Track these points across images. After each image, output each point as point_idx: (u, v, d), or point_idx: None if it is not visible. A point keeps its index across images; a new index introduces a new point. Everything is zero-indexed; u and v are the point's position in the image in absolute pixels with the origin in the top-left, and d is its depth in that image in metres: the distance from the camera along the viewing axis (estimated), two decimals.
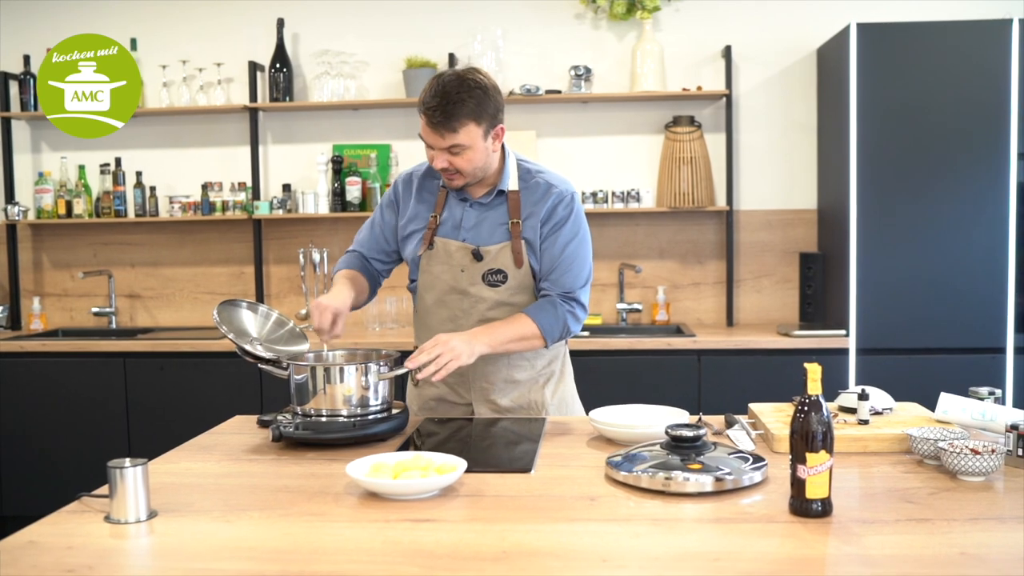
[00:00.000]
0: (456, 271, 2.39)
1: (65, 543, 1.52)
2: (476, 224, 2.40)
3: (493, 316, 2.38)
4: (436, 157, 2.27)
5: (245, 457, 2.04)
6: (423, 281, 2.45)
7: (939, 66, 3.92)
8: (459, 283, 2.40)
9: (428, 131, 2.24)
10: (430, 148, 2.28)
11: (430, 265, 2.42)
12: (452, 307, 2.42)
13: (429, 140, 2.26)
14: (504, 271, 2.37)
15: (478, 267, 2.37)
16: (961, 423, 2.09)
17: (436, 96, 2.20)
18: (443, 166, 2.27)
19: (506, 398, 2.46)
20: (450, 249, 2.39)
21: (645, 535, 1.51)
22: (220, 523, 1.60)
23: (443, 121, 2.20)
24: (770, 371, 3.97)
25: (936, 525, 1.53)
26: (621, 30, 4.55)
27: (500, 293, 2.38)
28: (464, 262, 2.38)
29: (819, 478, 1.56)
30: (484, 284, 2.38)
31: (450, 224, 2.41)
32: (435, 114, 2.20)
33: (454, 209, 2.42)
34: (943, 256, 3.94)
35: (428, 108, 2.21)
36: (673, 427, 1.85)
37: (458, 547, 1.47)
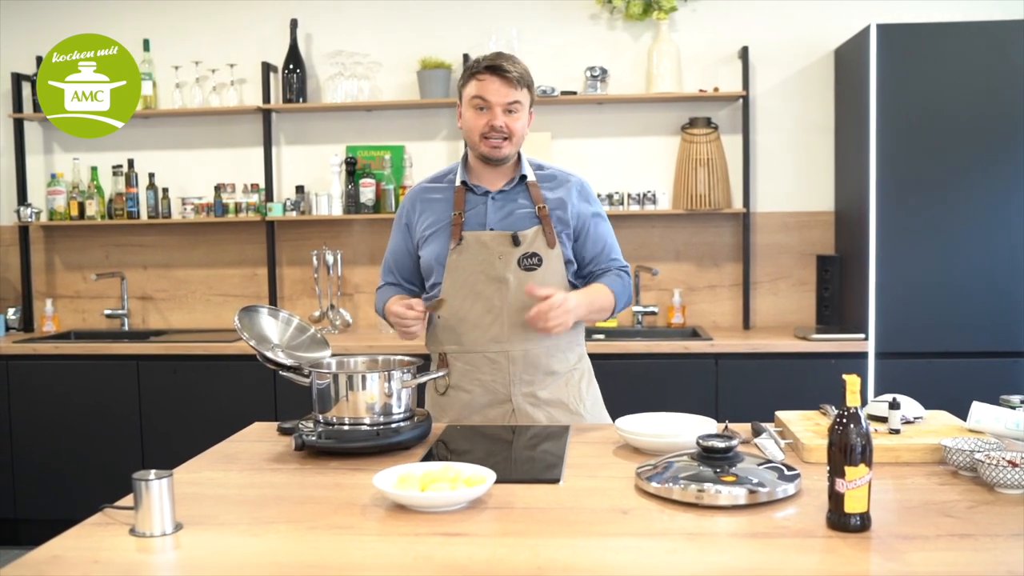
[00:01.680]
0: (493, 259, 2.40)
1: (91, 557, 1.49)
2: (503, 215, 2.44)
3: (530, 302, 2.36)
4: (495, 116, 2.34)
5: (268, 467, 2.01)
6: (452, 278, 2.43)
7: (959, 67, 3.88)
8: (496, 271, 2.40)
9: (493, 85, 2.33)
10: (484, 110, 2.35)
11: (460, 260, 2.42)
12: (488, 298, 2.41)
13: (493, 95, 2.33)
14: (539, 254, 2.41)
15: (514, 252, 2.40)
16: (994, 432, 2.05)
17: (498, 56, 2.36)
18: (502, 123, 2.35)
19: (545, 390, 2.46)
20: (484, 239, 2.41)
21: (681, 551, 1.48)
22: (247, 536, 1.58)
23: (511, 73, 2.33)
24: (788, 375, 3.93)
25: (979, 541, 1.49)
26: (637, 31, 4.52)
27: (535, 278, 2.40)
28: (501, 248, 2.40)
29: (858, 492, 1.53)
30: (520, 269, 2.40)
31: (475, 219, 2.44)
32: (504, 67, 2.33)
33: (476, 206, 2.46)
34: (963, 258, 3.90)
35: (494, 64, 2.34)
36: (704, 437, 1.81)
37: (492, 563, 1.44)
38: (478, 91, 2.35)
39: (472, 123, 2.39)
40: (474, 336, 2.42)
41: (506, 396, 2.45)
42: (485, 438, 2.31)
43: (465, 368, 2.46)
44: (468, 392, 2.46)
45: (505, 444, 2.28)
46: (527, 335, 2.42)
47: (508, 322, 2.41)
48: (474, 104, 2.36)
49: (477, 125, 2.37)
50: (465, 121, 2.42)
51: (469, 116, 2.39)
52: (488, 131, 2.36)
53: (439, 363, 2.49)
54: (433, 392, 2.53)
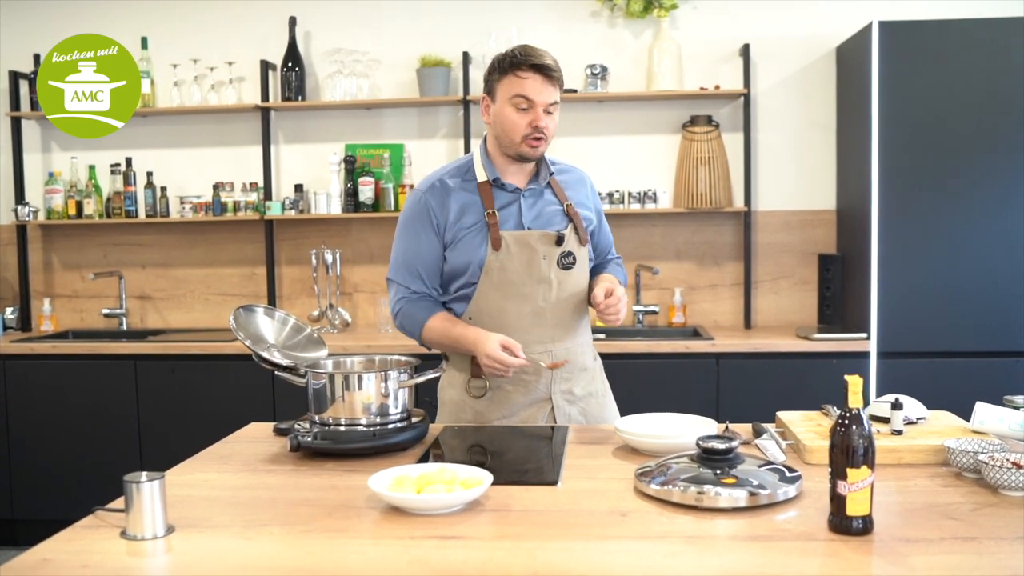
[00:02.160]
0: (538, 259, 2.36)
1: (80, 561, 1.47)
2: (536, 213, 2.41)
3: (568, 301, 2.41)
4: (538, 117, 2.28)
5: (263, 468, 1.99)
6: (491, 280, 2.35)
7: (962, 64, 3.85)
8: (541, 271, 2.37)
9: (536, 84, 2.26)
10: (526, 111, 2.28)
11: (501, 262, 2.34)
12: (533, 299, 2.37)
13: (537, 95, 2.26)
14: (573, 253, 2.40)
15: (556, 252, 2.38)
16: (998, 433, 2.03)
17: (542, 53, 2.29)
18: (545, 124, 2.29)
19: (579, 386, 2.45)
20: (529, 240, 2.36)
21: (680, 554, 1.46)
22: (239, 539, 1.55)
23: (555, 72, 2.28)
24: (790, 375, 3.91)
25: (983, 544, 1.47)
26: (638, 28, 4.49)
27: (571, 275, 2.41)
28: (545, 249, 2.37)
29: (860, 495, 1.51)
30: (560, 269, 2.39)
31: (509, 218, 2.38)
32: (549, 66, 2.26)
33: (507, 203, 2.39)
34: (966, 257, 3.87)
35: (539, 63, 2.26)
36: (704, 439, 1.79)
37: (488, 567, 1.42)
38: (522, 90, 2.26)
39: (513, 122, 2.29)
40: (516, 338, 2.31)
41: (546, 395, 2.41)
42: (483, 439, 2.29)
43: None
44: (508, 394, 2.40)
45: (504, 445, 2.25)
46: (568, 334, 2.42)
47: (551, 322, 2.39)
48: (515, 103, 2.27)
49: (519, 125, 2.28)
50: (503, 119, 2.30)
51: (509, 114, 2.29)
52: (532, 132, 2.28)
53: (472, 366, 2.39)
54: (467, 397, 2.42)
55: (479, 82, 4.50)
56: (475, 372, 2.39)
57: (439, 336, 2.38)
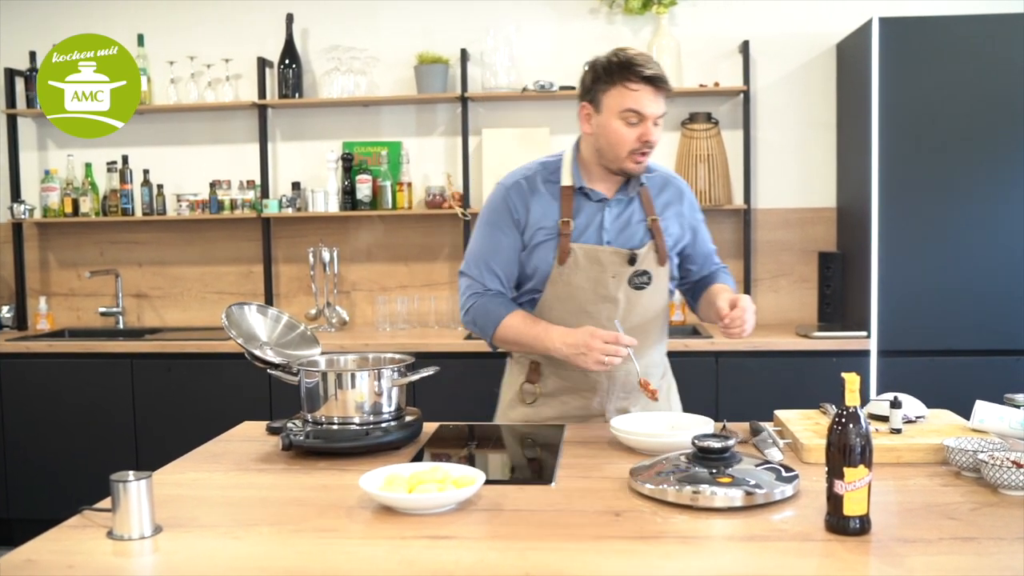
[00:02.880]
0: (606, 278, 2.26)
1: (65, 561, 1.45)
2: (620, 226, 2.29)
3: (637, 322, 2.29)
4: (648, 132, 2.17)
5: (254, 467, 1.97)
6: (556, 292, 2.28)
7: (963, 61, 3.82)
8: (608, 290, 2.26)
9: (648, 96, 2.15)
10: (635, 124, 2.16)
11: (567, 275, 2.25)
12: (598, 316, 2.27)
13: (649, 108, 2.15)
14: (648, 272, 2.29)
15: (628, 271, 2.26)
16: (998, 432, 2.00)
17: (651, 62, 2.16)
18: (655, 138, 2.19)
19: (637, 405, 2.37)
20: (599, 256, 2.25)
21: (675, 555, 1.44)
22: (228, 539, 1.53)
23: (665, 84, 2.17)
24: (790, 373, 3.88)
25: (983, 545, 1.45)
26: (637, 25, 4.47)
27: (644, 295, 2.30)
28: (616, 268, 2.26)
29: (858, 494, 1.48)
30: (631, 288, 2.28)
31: (588, 228, 2.27)
32: (662, 79, 2.15)
33: (590, 212, 2.27)
34: (967, 255, 3.85)
35: (651, 73, 2.14)
36: (700, 437, 1.77)
37: (478, 568, 1.39)
38: (634, 104, 2.14)
39: (621, 137, 2.16)
40: None
41: (600, 411, 2.36)
42: (478, 438, 2.27)
43: (560, 383, 2.35)
44: (562, 403, 2.36)
45: (499, 444, 2.23)
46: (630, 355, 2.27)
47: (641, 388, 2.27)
48: (625, 117, 2.15)
49: (628, 140, 2.16)
50: (609, 132, 2.18)
51: (617, 128, 2.16)
52: (640, 146, 2.17)
53: (529, 371, 2.36)
54: (518, 402, 2.39)
55: (477, 79, 4.51)
56: (530, 377, 2.36)
57: (516, 333, 2.27)
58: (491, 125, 4.53)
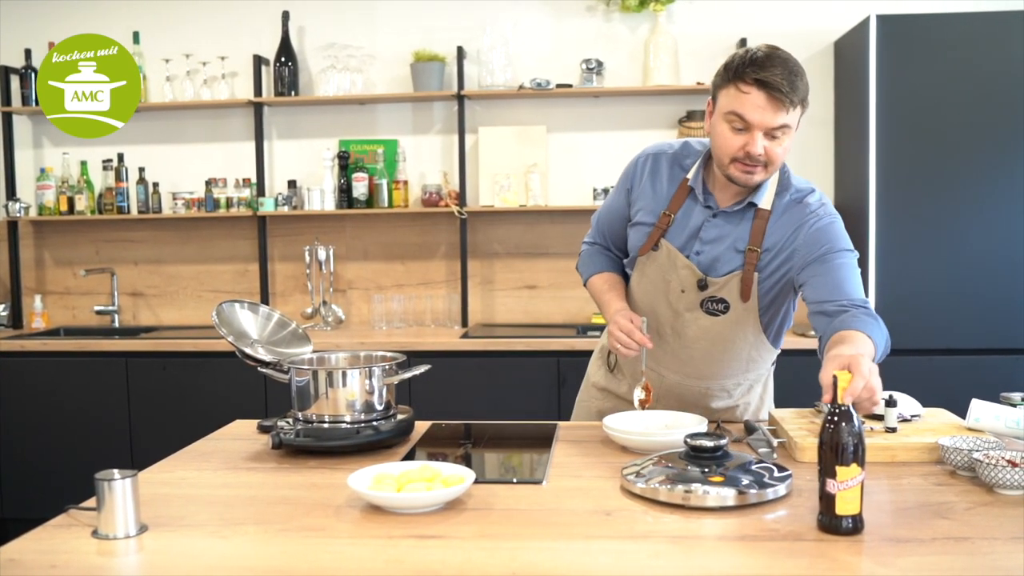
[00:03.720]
0: (676, 289, 2.15)
1: (49, 561, 1.43)
2: (715, 239, 2.11)
3: (701, 346, 2.19)
4: (754, 142, 1.94)
5: (243, 466, 1.95)
6: (636, 280, 2.26)
7: (961, 59, 3.81)
8: (674, 303, 2.17)
9: (758, 102, 1.91)
10: (743, 131, 1.94)
11: (648, 267, 2.20)
12: (660, 321, 2.22)
13: (757, 116, 1.91)
14: (727, 301, 2.12)
15: (699, 294, 2.13)
16: (994, 431, 1.99)
17: (778, 65, 1.91)
18: (761, 151, 1.94)
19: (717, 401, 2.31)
20: (676, 263, 2.14)
21: (664, 554, 1.42)
22: (214, 539, 1.52)
23: (787, 94, 1.90)
24: (786, 372, 3.84)
25: (976, 544, 1.43)
26: (634, 22, 4.45)
27: (717, 323, 2.14)
28: (687, 283, 2.14)
29: (850, 493, 1.46)
30: (702, 311, 2.15)
31: (684, 231, 2.14)
32: (779, 86, 1.89)
33: (693, 215, 2.13)
34: (965, 254, 3.83)
35: (769, 78, 1.89)
36: (692, 436, 1.75)
37: (465, 567, 1.38)
38: (738, 107, 1.92)
39: (725, 142, 1.97)
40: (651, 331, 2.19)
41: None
42: (472, 436, 2.26)
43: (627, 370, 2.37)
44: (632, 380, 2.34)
45: (491, 443, 2.21)
46: (688, 373, 2.24)
47: (670, 355, 2.24)
48: (730, 120, 1.95)
49: (730, 146, 1.96)
50: (717, 136, 2.00)
51: (722, 131, 1.97)
52: (743, 156, 1.96)
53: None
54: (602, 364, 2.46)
55: (473, 77, 4.49)
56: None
57: (595, 292, 2.34)
58: (488, 123, 4.51)
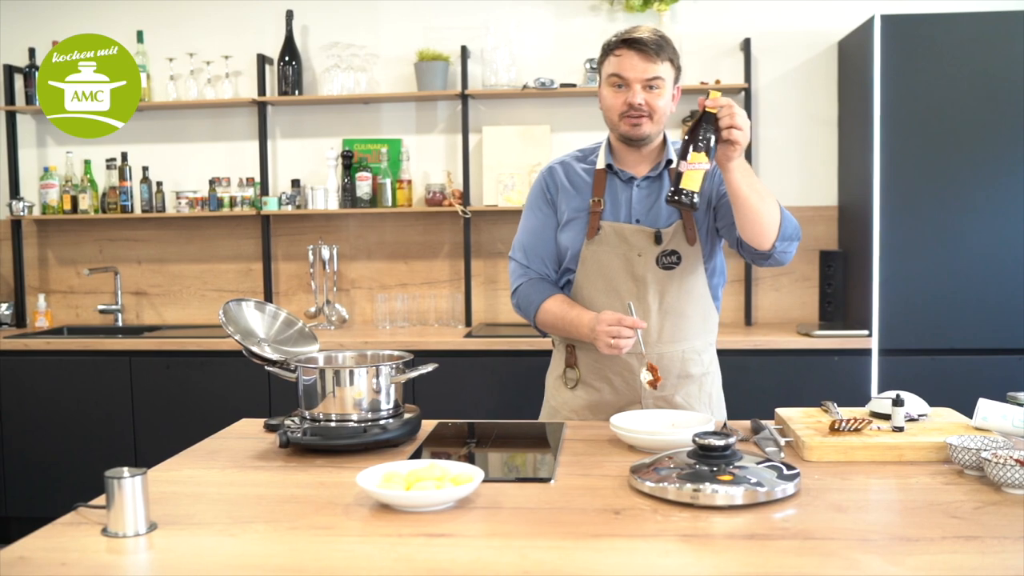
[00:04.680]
0: (632, 255, 2.29)
1: (59, 559, 1.43)
2: (648, 205, 2.31)
3: (673, 305, 2.31)
4: (634, 93, 2.20)
5: (251, 464, 1.95)
6: (587, 271, 2.33)
7: (966, 59, 3.81)
8: (635, 268, 2.30)
9: (632, 61, 2.19)
10: (622, 87, 2.22)
11: (596, 253, 2.31)
12: (624, 295, 2.31)
13: (630, 72, 2.19)
14: (678, 252, 2.30)
15: (654, 250, 2.29)
16: (1001, 431, 1.99)
17: (644, 31, 2.22)
18: (640, 101, 2.20)
19: (678, 395, 2.38)
20: (624, 233, 2.29)
21: (675, 553, 1.42)
22: (223, 536, 1.52)
23: (654, 49, 2.19)
24: (791, 372, 3.87)
25: (987, 544, 1.43)
26: (637, 22, 4.43)
27: (674, 276, 2.30)
28: (642, 245, 2.29)
29: (695, 174, 1.93)
30: (659, 268, 2.30)
31: (616, 208, 2.32)
32: (645, 42, 2.19)
33: (618, 192, 2.33)
34: (969, 253, 3.83)
35: (634, 38, 2.19)
36: (701, 435, 1.75)
37: (475, 566, 1.38)
38: (615, 68, 2.21)
39: (609, 102, 2.25)
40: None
41: (636, 398, 2.37)
42: (477, 435, 2.26)
43: (594, 365, 2.38)
44: (597, 390, 2.38)
45: (498, 442, 2.21)
46: (664, 338, 2.33)
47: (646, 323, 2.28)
48: (611, 82, 2.23)
49: (615, 104, 2.24)
50: (603, 100, 2.27)
51: (607, 95, 2.25)
52: (626, 109, 2.22)
53: (567, 355, 2.40)
54: (561, 386, 2.43)
55: (477, 76, 4.49)
56: (568, 362, 2.40)
57: (553, 319, 2.34)
58: (491, 122, 4.51)
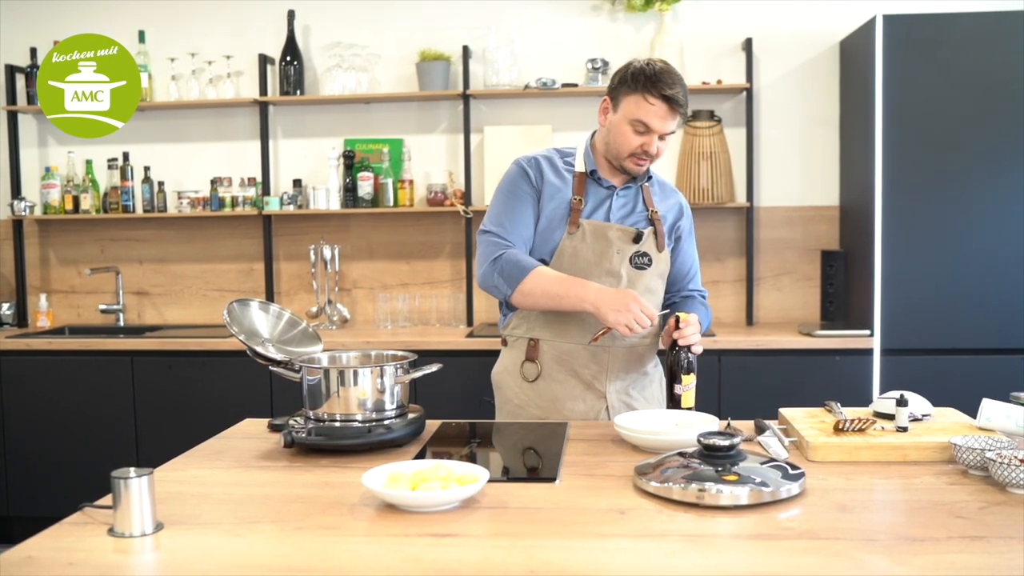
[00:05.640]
0: (611, 252, 2.38)
1: (66, 559, 1.43)
2: (625, 212, 2.44)
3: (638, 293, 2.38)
4: (651, 142, 2.31)
5: (256, 464, 1.96)
6: (562, 263, 2.39)
7: (967, 58, 3.81)
8: (612, 265, 2.38)
9: (663, 115, 2.28)
10: (644, 134, 2.30)
11: (575, 247, 2.38)
12: None
13: (659, 124, 2.29)
14: (649, 255, 2.42)
15: (630, 249, 2.40)
16: (1005, 431, 1.99)
17: (677, 83, 2.28)
18: (656, 149, 2.33)
19: (637, 390, 2.47)
20: (606, 231, 2.39)
21: (680, 553, 1.42)
22: (230, 537, 1.52)
23: (682, 107, 2.29)
24: (793, 372, 3.87)
25: (991, 543, 1.43)
26: (639, 22, 4.45)
27: (644, 277, 2.41)
28: (621, 243, 2.39)
29: (689, 393, 2.26)
30: (632, 267, 2.40)
31: (594, 209, 2.42)
32: (681, 100, 2.28)
33: (598, 195, 2.43)
34: (970, 253, 3.83)
35: (674, 95, 2.26)
36: (706, 435, 1.75)
37: (483, 566, 1.38)
38: (644, 116, 2.28)
39: (626, 140, 2.33)
40: (577, 327, 2.38)
41: (601, 392, 2.42)
42: (480, 436, 2.26)
43: (560, 357, 2.41)
44: (560, 383, 2.41)
45: (501, 442, 2.22)
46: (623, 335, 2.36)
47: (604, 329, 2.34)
48: (634, 125, 2.31)
49: (630, 144, 2.33)
50: (617, 133, 2.35)
51: (625, 132, 2.32)
52: (640, 153, 2.33)
53: (528, 349, 2.43)
54: (521, 381, 2.45)
55: (479, 76, 4.49)
56: (529, 355, 2.43)
57: (548, 281, 2.30)
58: (493, 122, 4.51)
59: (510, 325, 2.48)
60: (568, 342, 2.39)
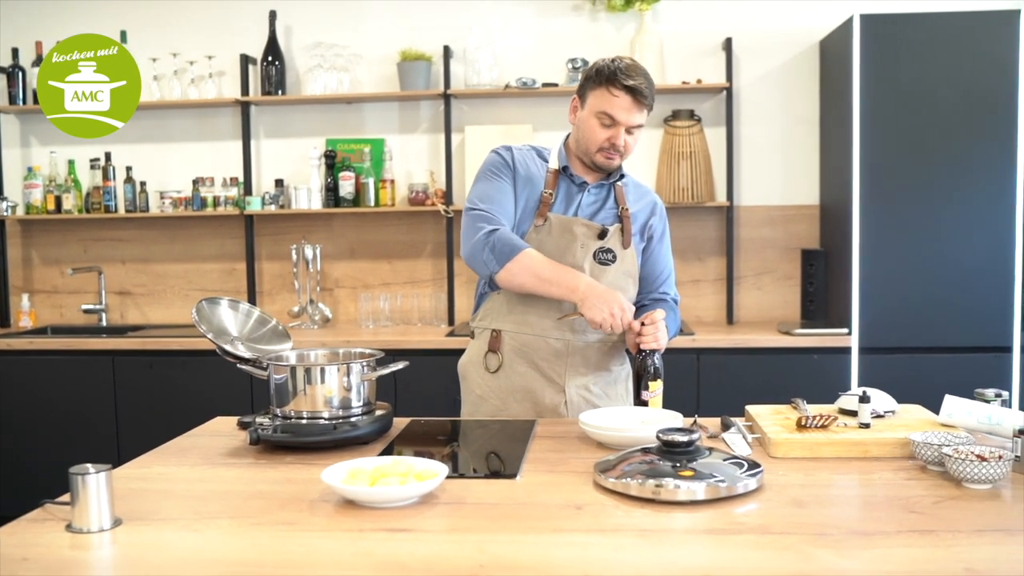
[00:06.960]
0: (575, 247, 2.39)
1: (21, 554, 1.44)
2: (595, 208, 2.46)
3: None
4: (618, 135, 2.33)
5: (221, 461, 1.96)
6: None
7: (945, 58, 3.83)
8: (577, 259, 2.39)
9: (628, 107, 2.30)
10: (610, 127, 2.33)
11: (541, 239, 2.39)
12: None
13: (624, 116, 2.31)
14: (613, 251, 2.43)
15: (594, 245, 2.40)
16: (966, 427, 2.00)
17: (641, 75, 2.31)
18: (623, 142, 2.35)
19: (598, 386, 2.47)
20: (571, 225, 2.40)
21: (630, 548, 1.43)
22: (187, 532, 1.53)
23: (647, 99, 2.32)
24: (771, 370, 3.88)
25: (940, 537, 1.44)
26: (619, 22, 4.46)
27: (608, 273, 2.41)
28: (585, 239, 2.40)
29: (657, 399, 2.26)
30: (595, 262, 2.40)
31: (566, 204, 2.44)
32: (645, 92, 2.30)
33: (569, 191, 2.46)
34: (948, 253, 3.85)
35: (637, 85, 2.29)
36: (664, 431, 1.76)
37: (433, 560, 1.39)
38: (608, 108, 2.31)
39: (593, 135, 2.36)
40: (538, 319, 2.40)
41: (560, 386, 2.42)
42: (448, 432, 2.27)
43: (520, 349, 2.43)
44: (520, 375, 2.43)
45: (468, 439, 2.23)
46: (590, 329, 2.39)
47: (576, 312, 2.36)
48: (600, 118, 2.34)
49: (598, 138, 2.36)
50: (585, 128, 2.38)
51: (592, 126, 2.35)
52: (608, 147, 2.36)
53: (490, 341, 2.45)
54: (484, 371, 2.47)
55: (460, 76, 4.50)
56: (491, 346, 2.45)
57: (540, 263, 2.30)
58: (474, 122, 4.52)
59: (477, 317, 2.51)
60: (528, 333, 2.41)
